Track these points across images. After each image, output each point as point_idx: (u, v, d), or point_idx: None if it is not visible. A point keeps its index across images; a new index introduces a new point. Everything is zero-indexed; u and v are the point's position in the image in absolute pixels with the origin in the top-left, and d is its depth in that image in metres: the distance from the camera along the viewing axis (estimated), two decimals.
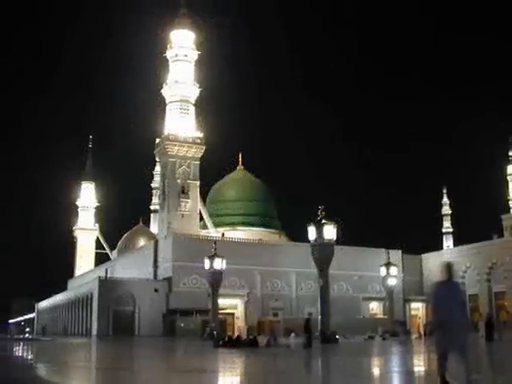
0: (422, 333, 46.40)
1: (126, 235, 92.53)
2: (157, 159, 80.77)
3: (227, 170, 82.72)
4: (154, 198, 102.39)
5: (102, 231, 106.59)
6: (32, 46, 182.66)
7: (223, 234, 65.85)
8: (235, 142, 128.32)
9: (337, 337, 32.46)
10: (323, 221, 32.89)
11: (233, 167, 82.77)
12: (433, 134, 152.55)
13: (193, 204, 68.05)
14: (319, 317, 32.68)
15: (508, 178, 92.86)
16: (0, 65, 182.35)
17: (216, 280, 44.04)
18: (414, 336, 46.54)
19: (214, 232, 68.66)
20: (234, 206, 76.56)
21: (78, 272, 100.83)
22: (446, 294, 9.22)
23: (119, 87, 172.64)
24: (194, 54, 72.16)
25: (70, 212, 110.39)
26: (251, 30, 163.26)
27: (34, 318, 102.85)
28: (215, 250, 44.09)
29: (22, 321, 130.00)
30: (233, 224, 74.60)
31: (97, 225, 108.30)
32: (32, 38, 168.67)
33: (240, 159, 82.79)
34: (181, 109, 70.53)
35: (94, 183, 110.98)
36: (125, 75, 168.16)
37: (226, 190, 78.82)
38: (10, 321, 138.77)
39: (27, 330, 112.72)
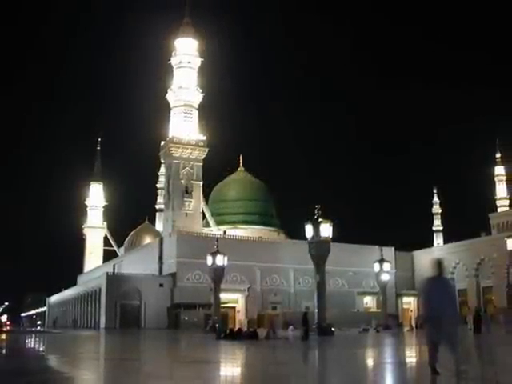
0: (414, 326, 46.42)
1: (132, 233, 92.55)
2: (162, 161, 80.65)
3: (228, 170, 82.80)
4: (159, 197, 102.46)
5: (110, 229, 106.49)
6: (41, 50, 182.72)
7: (225, 232, 65.88)
8: (236, 144, 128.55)
9: (333, 329, 32.38)
10: (320, 219, 32.83)
11: (234, 168, 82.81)
12: (425, 135, 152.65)
13: (196, 203, 68.04)
14: (316, 310, 32.63)
15: (495, 178, 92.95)
16: (11, 68, 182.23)
17: (218, 276, 43.98)
18: (405, 329, 46.49)
19: (216, 230, 68.61)
20: (235, 206, 76.50)
21: (87, 268, 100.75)
22: (437, 289, 9.22)
23: (126, 92, 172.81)
24: (197, 61, 72.15)
25: (80, 211, 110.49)
26: (250, 36, 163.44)
27: (45, 312, 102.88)
28: (217, 247, 44.05)
29: (33, 314, 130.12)
30: (234, 222, 74.53)
31: (105, 223, 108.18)
32: (41, 43, 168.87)
33: (241, 161, 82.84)
34: (184, 113, 70.51)
35: (102, 183, 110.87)
36: (132, 81, 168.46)
37: (228, 190, 78.76)
38: (23, 314, 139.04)
39: (39, 322, 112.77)
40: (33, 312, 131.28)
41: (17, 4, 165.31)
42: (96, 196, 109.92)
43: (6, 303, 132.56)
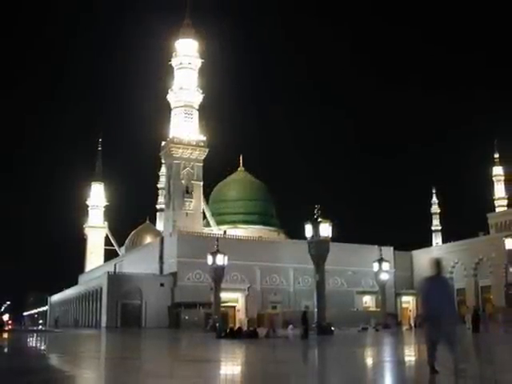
0: (413, 325, 46.44)
1: (133, 233, 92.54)
2: (162, 161, 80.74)
3: (229, 171, 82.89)
4: (159, 197, 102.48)
5: (111, 229, 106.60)
6: (42, 50, 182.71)
7: (225, 232, 65.87)
8: (236, 144, 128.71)
9: (332, 328, 32.37)
10: (319, 219, 32.82)
11: (234, 168, 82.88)
12: (424, 137, 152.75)
13: (196, 203, 68.05)
14: (315, 309, 32.63)
15: (494, 178, 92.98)
16: (12, 68, 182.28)
17: (218, 275, 43.99)
18: (404, 328, 46.50)
19: (216, 230, 68.64)
20: (235, 205, 76.52)
21: (88, 267, 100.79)
22: (435, 289, 9.21)
23: (127, 92, 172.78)
24: (198, 62, 72.18)
25: (81, 211, 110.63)
26: (250, 38, 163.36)
27: (46, 311, 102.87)
28: (217, 246, 44.06)
29: (35, 313, 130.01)
30: (234, 222, 74.54)
31: (106, 223, 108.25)
32: (41, 43, 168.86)
33: (241, 161, 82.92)
34: (185, 113, 70.54)
35: (103, 183, 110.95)
36: (132, 81, 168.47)
37: (228, 190, 78.78)
38: (24, 313, 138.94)
39: (40, 322, 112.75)
40: (34, 311, 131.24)
41: (17, 4, 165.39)
42: (97, 196, 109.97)
43: (8, 302, 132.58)
